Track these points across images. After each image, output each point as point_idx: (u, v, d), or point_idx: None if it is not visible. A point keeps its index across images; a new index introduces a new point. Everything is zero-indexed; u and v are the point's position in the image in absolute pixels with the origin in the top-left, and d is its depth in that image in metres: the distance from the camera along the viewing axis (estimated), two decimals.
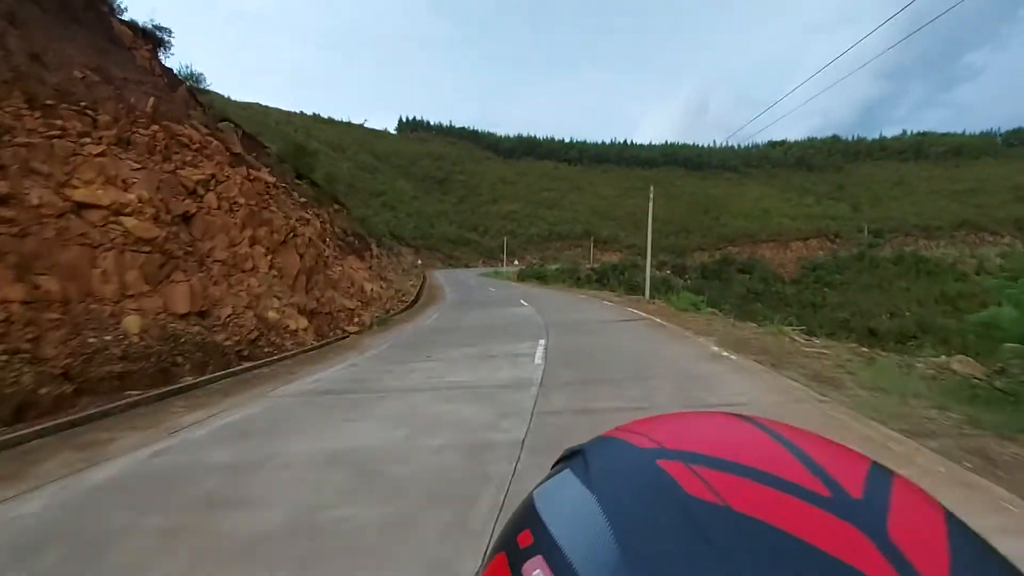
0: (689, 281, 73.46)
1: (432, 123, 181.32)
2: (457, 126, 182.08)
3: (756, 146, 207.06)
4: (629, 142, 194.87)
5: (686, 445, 0.44)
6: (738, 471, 0.41)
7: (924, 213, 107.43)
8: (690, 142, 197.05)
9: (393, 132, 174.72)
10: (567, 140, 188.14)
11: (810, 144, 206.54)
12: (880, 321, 53.99)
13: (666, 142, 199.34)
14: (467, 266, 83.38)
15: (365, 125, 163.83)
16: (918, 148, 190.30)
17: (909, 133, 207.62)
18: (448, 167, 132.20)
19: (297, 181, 23.97)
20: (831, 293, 68.18)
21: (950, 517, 0.37)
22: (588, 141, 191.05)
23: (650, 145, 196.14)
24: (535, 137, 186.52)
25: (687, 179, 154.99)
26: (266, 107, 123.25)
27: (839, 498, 0.38)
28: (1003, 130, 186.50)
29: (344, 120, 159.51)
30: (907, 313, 54.24)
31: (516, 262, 49.60)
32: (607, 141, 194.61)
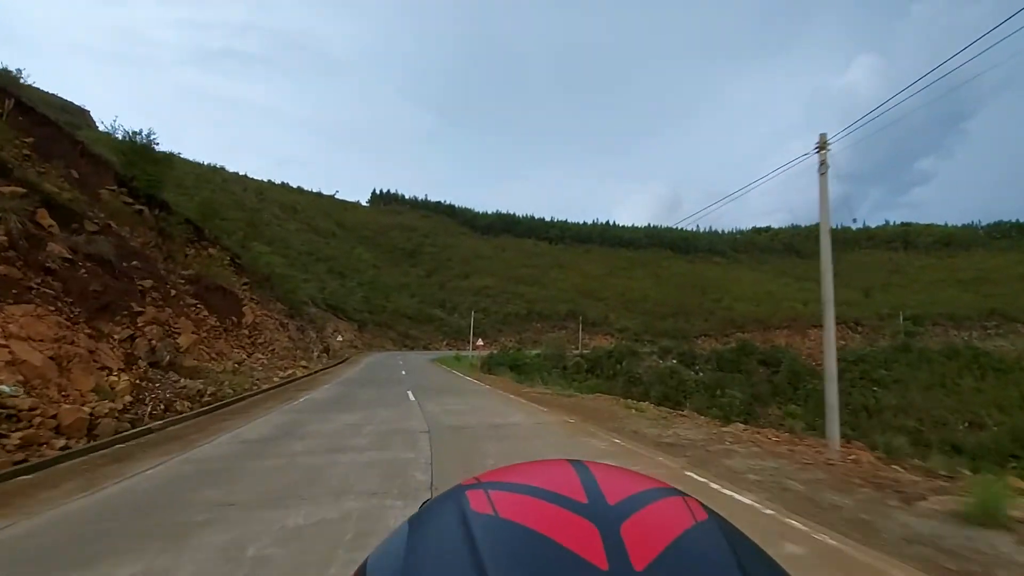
0: (701, 373, 59.79)
1: (407, 196, 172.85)
2: (433, 200, 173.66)
3: (740, 231, 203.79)
4: (612, 223, 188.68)
5: (496, 478, 0.53)
6: (522, 491, 0.49)
7: (937, 301, 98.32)
8: (672, 225, 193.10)
9: (365, 204, 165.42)
10: (548, 219, 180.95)
11: (795, 231, 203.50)
12: (960, 432, 40.82)
13: (649, 224, 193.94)
14: (427, 347, 68.56)
15: (336, 196, 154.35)
16: (906, 237, 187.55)
17: (892, 223, 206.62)
18: (419, 239, 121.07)
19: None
20: (882, 392, 54.06)
21: (706, 527, 0.43)
22: (569, 221, 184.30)
23: (633, 227, 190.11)
24: (514, 215, 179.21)
25: (675, 261, 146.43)
26: (224, 170, 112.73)
27: (593, 504, 0.46)
28: (983, 223, 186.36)
29: (315, 191, 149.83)
30: (989, 421, 41.37)
31: (480, 342, 35.42)
32: (588, 221, 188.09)
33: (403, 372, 25.09)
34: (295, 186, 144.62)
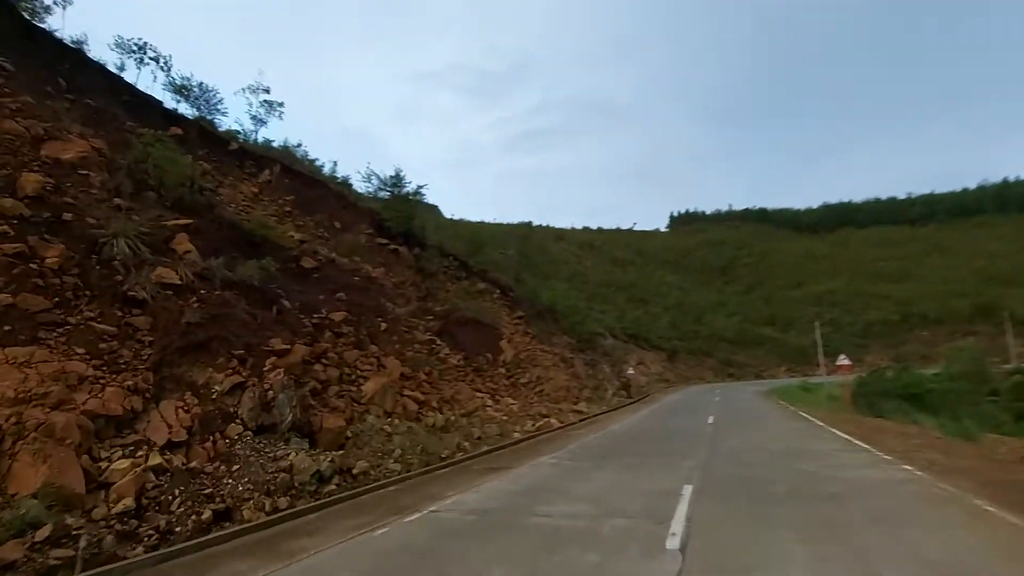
0: None
1: (708, 212, 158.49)
2: (738, 208, 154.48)
3: None
4: (1013, 179, 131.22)
5: None
6: None
7: None
8: None
9: (664, 230, 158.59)
10: (902, 197, 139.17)
11: None
12: None
13: None
14: (759, 375, 55.28)
15: (634, 228, 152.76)
16: None
17: None
18: (730, 252, 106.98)
19: None
20: None
21: None
22: (936, 192, 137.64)
23: None
24: (850, 202, 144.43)
25: None
26: (529, 225, 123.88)
27: None
28: None
29: (613, 227, 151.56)
30: None
31: (845, 360, 23.15)
32: (969, 187, 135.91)
33: (709, 420, 16.28)
34: (595, 228, 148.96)
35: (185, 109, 16.21)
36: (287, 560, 4.96)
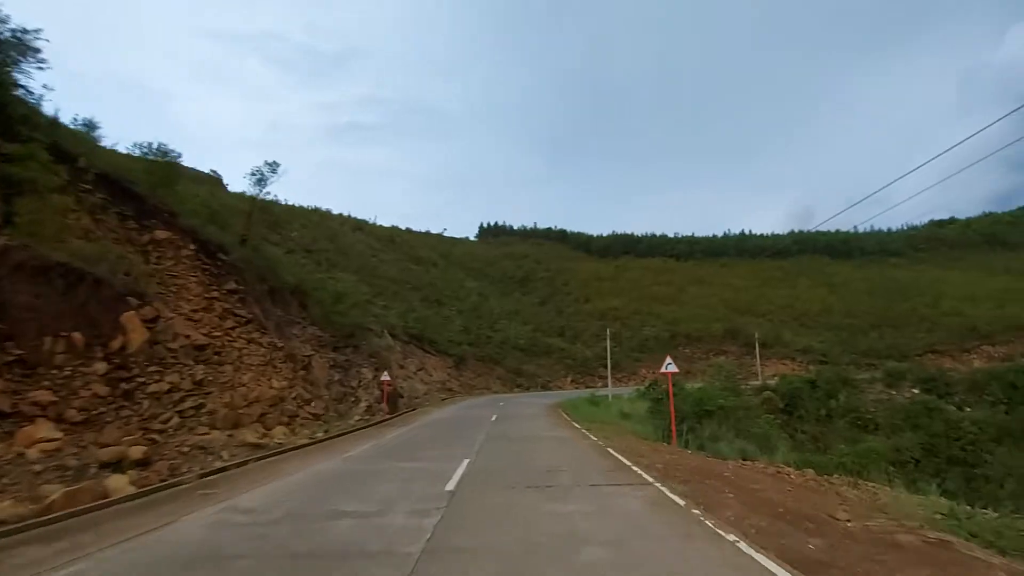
0: (969, 409, 39.60)
1: (515, 227, 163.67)
2: (543, 227, 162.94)
3: (914, 227, 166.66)
4: (749, 231, 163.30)
5: None
6: None
7: None
8: (819, 229, 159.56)
9: (473, 239, 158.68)
10: (671, 236, 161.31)
11: (993, 218, 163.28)
12: None
13: (795, 230, 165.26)
14: (546, 386, 53.87)
15: (444, 234, 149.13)
16: None
17: None
18: (530, 265, 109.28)
19: None
20: None
21: None
22: (696, 235, 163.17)
23: (774, 235, 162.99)
24: (632, 234, 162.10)
25: (840, 266, 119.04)
26: (327, 212, 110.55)
27: None
28: None
29: (423, 231, 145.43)
30: None
31: (671, 368, 19.80)
32: (719, 234, 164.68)
33: (458, 471, 9.69)
34: (403, 227, 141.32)
35: None
36: None
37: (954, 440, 24.11)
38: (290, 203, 78.62)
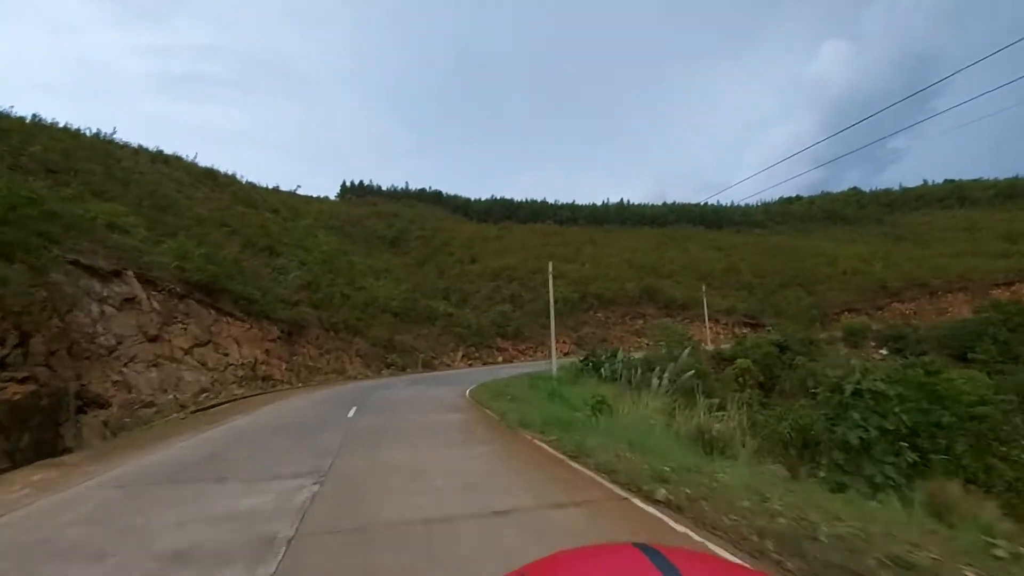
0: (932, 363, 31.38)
1: (383, 187, 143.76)
2: (414, 188, 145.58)
3: (767, 203, 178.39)
4: (627, 201, 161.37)
5: (551, 572, 0.45)
6: None
7: None
8: (688, 202, 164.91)
9: (334, 198, 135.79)
10: (552, 202, 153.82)
11: (831, 197, 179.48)
12: None
13: (671, 201, 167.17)
14: (429, 366, 39.26)
15: (297, 192, 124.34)
16: (960, 193, 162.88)
17: (931, 182, 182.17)
18: (403, 224, 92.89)
19: None
20: None
21: None
22: (577, 202, 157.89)
23: (652, 205, 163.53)
24: (512, 200, 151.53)
25: (720, 234, 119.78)
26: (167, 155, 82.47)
27: None
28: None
29: (272, 186, 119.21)
30: None
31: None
32: (597, 203, 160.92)
33: None
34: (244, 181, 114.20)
35: None
36: None
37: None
38: (42, 120, 53.42)
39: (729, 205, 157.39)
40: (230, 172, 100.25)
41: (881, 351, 35.12)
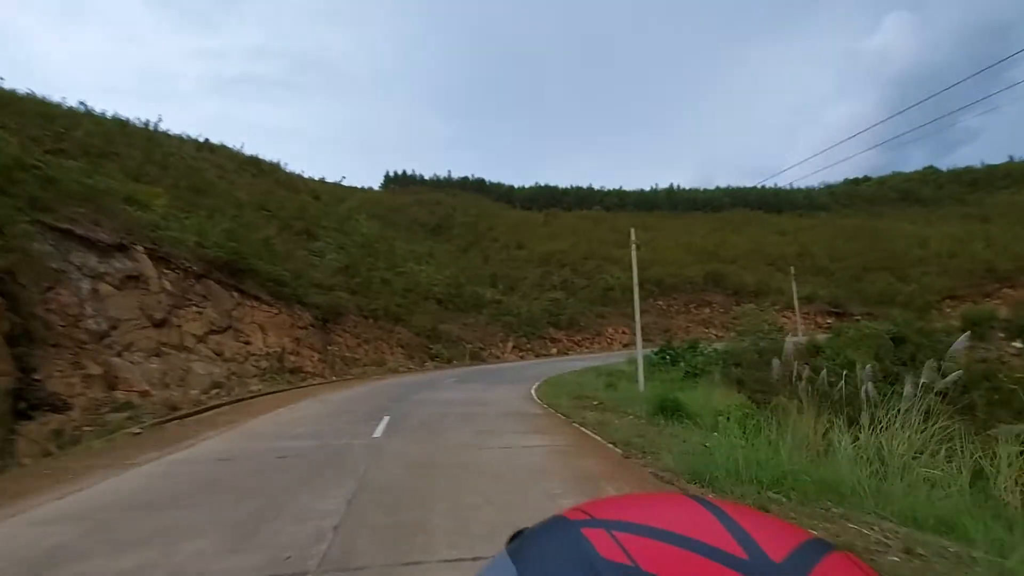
0: None
1: (426, 177, 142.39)
2: (457, 177, 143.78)
3: (831, 185, 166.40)
4: (677, 186, 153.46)
5: (615, 515, 0.44)
6: (658, 536, 0.40)
7: None
8: (744, 185, 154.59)
9: (378, 189, 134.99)
10: (598, 188, 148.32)
11: (904, 177, 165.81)
12: None
13: (726, 186, 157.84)
14: (478, 357, 35.91)
15: (342, 183, 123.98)
16: None
17: (1015, 158, 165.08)
18: (445, 212, 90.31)
19: None
20: None
21: None
22: (625, 188, 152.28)
23: (705, 189, 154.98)
24: (557, 187, 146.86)
25: (779, 219, 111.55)
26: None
27: (756, 561, 0.37)
28: None
29: (318, 178, 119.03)
30: None
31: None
32: (646, 189, 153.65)
33: None
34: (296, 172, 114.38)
35: None
36: None
37: None
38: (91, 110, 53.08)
39: (789, 188, 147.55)
40: (274, 160, 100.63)
41: (1015, 343, 29.16)
